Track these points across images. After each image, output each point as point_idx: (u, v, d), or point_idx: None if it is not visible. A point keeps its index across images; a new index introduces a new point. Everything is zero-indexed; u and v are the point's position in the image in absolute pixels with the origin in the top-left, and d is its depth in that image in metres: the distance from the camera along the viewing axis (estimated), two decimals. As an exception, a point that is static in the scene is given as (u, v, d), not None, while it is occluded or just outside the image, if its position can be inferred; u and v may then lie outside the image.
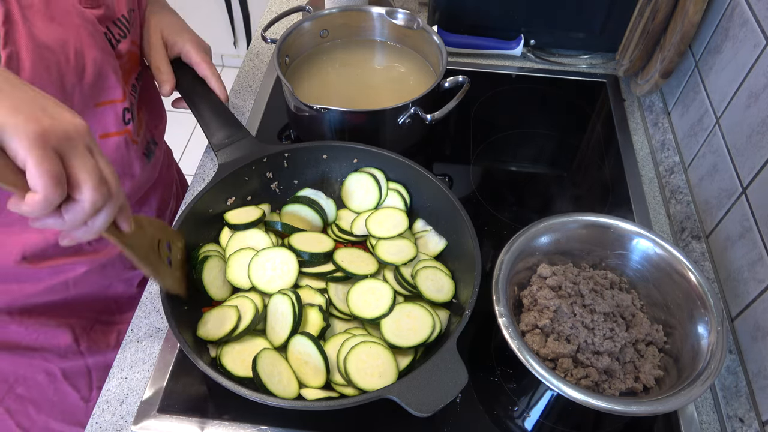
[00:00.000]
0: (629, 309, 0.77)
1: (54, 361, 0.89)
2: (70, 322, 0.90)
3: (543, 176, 1.07)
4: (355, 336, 0.73)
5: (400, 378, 0.67)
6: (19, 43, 0.60)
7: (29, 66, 0.62)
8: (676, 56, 0.99)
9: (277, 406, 0.64)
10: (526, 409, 0.76)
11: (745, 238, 0.79)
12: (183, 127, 2.73)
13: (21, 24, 0.61)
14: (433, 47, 1.06)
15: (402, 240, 0.83)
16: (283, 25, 1.31)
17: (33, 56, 0.62)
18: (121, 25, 0.79)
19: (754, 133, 0.80)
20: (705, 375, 0.66)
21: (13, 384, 0.88)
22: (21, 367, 0.88)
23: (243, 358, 0.71)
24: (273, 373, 0.68)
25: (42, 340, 0.87)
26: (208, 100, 0.94)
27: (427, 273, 0.79)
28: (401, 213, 0.86)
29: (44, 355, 0.88)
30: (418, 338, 0.72)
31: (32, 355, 0.87)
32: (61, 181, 0.47)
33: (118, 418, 0.74)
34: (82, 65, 0.68)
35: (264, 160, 0.86)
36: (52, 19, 0.64)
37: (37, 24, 0.62)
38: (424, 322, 0.73)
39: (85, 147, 0.49)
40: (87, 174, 0.49)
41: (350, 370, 0.68)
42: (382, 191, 0.88)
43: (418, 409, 0.61)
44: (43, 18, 0.63)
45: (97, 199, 0.50)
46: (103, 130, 0.78)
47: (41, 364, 0.89)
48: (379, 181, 0.88)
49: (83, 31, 0.68)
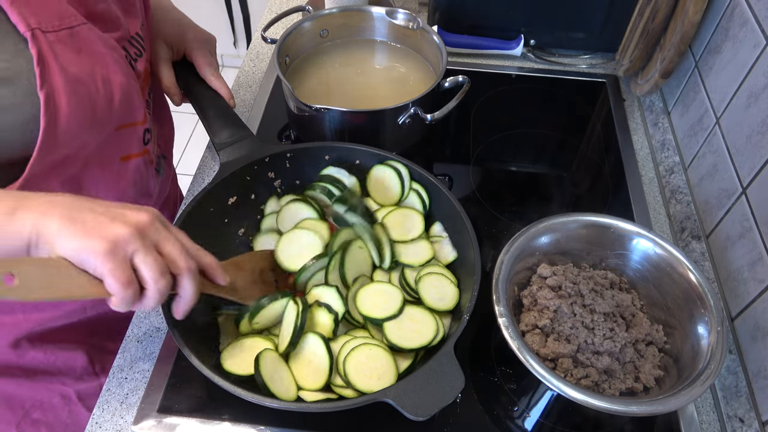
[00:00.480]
0: (629, 309, 0.77)
1: (70, 384, 0.89)
2: (86, 344, 0.90)
3: (543, 176, 1.07)
4: (356, 338, 0.72)
5: (398, 381, 0.67)
6: (53, 81, 0.60)
7: (65, 103, 0.62)
8: (676, 56, 0.99)
9: (274, 407, 0.64)
10: (526, 409, 0.76)
11: (745, 238, 0.79)
12: (183, 127, 2.73)
13: (53, 61, 0.60)
14: (433, 47, 1.06)
15: (421, 241, 0.83)
16: (283, 25, 1.31)
17: (68, 92, 0.62)
18: (136, 44, 0.79)
19: (754, 133, 0.80)
20: (705, 375, 0.66)
21: (29, 409, 0.88)
22: (38, 392, 0.88)
23: (243, 356, 0.71)
24: (275, 375, 0.68)
25: (59, 364, 0.88)
26: (212, 99, 0.94)
27: (431, 280, 0.78)
28: (419, 215, 0.85)
29: (61, 379, 0.88)
30: (421, 341, 0.71)
31: (50, 380, 0.88)
32: (131, 283, 0.55)
33: (118, 418, 0.74)
34: (110, 93, 0.67)
35: (266, 160, 0.86)
36: (78, 51, 0.63)
37: (66, 58, 0.62)
38: (427, 325, 0.73)
39: (148, 243, 0.57)
40: (148, 270, 0.56)
41: (349, 371, 0.68)
42: (405, 188, 0.87)
43: (414, 413, 0.61)
44: (70, 50, 0.63)
45: (162, 287, 0.57)
46: (124, 152, 0.78)
47: (58, 388, 0.89)
48: (402, 177, 0.86)
49: (108, 59, 0.68)
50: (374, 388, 0.67)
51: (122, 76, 0.69)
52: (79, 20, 0.64)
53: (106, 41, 0.68)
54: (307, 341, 0.71)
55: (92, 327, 0.90)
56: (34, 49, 0.59)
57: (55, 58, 0.61)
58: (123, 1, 0.76)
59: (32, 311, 0.82)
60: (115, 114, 0.69)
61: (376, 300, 0.75)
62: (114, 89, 0.68)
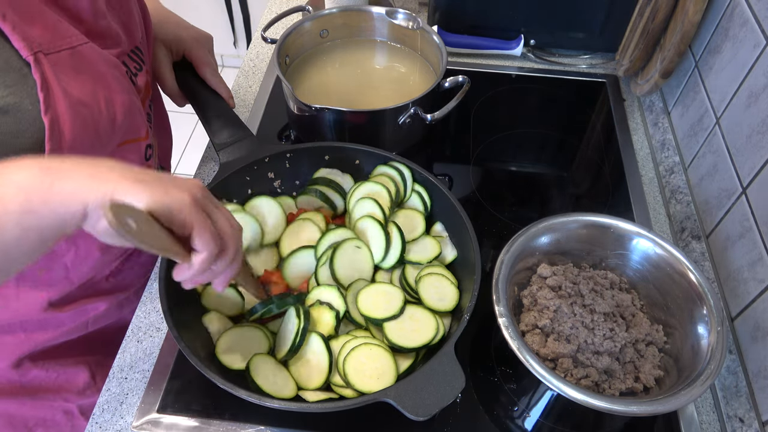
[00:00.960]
0: (629, 309, 0.77)
1: (72, 399, 0.89)
2: (88, 359, 0.90)
3: (543, 176, 1.07)
4: (356, 338, 0.73)
5: (398, 381, 0.67)
6: (57, 106, 0.59)
7: (69, 127, 0.61)
8: (676, 56, 0.99)
9: (273, 407, 0.64)
10: (526, 409, 0.76)
11: (745, 238, 0.79)
12: (183, 127, 2.73)
13: (56, 85, 0.59)
14: (433, 47, 1.06)
15: (425, 238, 0.83)
16: (283, 25, 1.31)
17: (71, 116, 0.61)
18: (136, 57, 0.78)
19: (754, 133, 0.80)
20: (705, 375, 0.66)
21: (32, 427, 0.88)
22: (41, 410, 0.88)
23: (240, 349, 0.71)
24: (267, 373, 0.68)
25: (61, 381, 0.87)
26: (211, 99, 0.94)
27: (431, 280, 0.78)
28: (420, 216, 0.85)
29: (64, 395, 0.88)
30: (421, 340, 0.71)
31: (53, 397, 0.87)
32: (216, 235, 0.56)
33: (118, 418, 0.74)
34: (113, 113, 0.66)
35: (266, 160, 0.86)
36: (79, 72, 0.63)
37: (68, 80, 0.61)
38: (427, 325, 0.73)
39: (213, 200, 0.58)
40: (225, 223, 0.58)
41: (348, 371, 0.68)
42: (407, 190, 0.87)
43: (414, 413, 0.61)
44: (72, 72, 0.62)
45: (238, 243, 0.58)
46: None
47: (60, 405, 0.88)
48: (405, 178, 0.87)
49: (109, 77, 0.67)
50: (374, 388, 0.67)
51: (124, 95, 0.68)
52: (80, 39, 0.63)
53: (106, 59, 0.68)
54: (307, 341, 0.71)
55: (93, 343, 0.89)
56: (38, 74, 0.58)
57: (58, 82, 0.60)
58: (122, 14, 0.75)
59: (35, 330, 0.81)
60: (117, 132, 0.69)
61: (377, 300, 0.75)
62: (116, 109, 0.67)
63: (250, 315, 0.74)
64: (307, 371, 0.70)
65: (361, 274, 0.79)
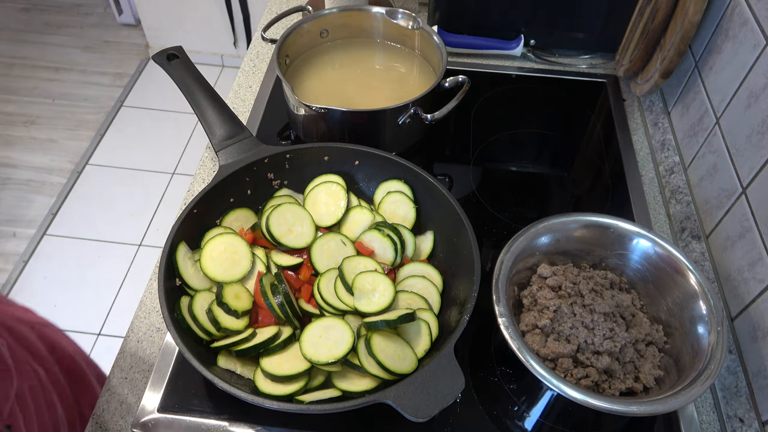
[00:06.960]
0: (629, 309, 0.77)
1: None
2: None
3: (543, 176, 1.07)
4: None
5: (395, 383, 0.67)
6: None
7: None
8: (676, 56, 0.99)
9: (272, 408, 0.64)
10: (526, 409, 0.76)
11: (745, 238, 0.79)
12: (183, 127, 2.73)
13: None
14: (433, 47, 1.06)
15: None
16: (283, 25, 1.31)
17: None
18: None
19: (754, 133, 0.80)
20: (705, 375, 0.66)
21: None
22: None
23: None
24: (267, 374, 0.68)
25: None
26: (211, 100, 0.94)
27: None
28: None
29: None
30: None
31: None
32: None
33: (118, 418, 0.74)
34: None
35: (265, 161, 0.86)
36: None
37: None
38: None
39: None
40: None
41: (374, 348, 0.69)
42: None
43: (414, 414, 0.61)
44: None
45: None
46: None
47: None
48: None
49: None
50: (402, 369, 0.68)
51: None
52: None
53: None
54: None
55: None
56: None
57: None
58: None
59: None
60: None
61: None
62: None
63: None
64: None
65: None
